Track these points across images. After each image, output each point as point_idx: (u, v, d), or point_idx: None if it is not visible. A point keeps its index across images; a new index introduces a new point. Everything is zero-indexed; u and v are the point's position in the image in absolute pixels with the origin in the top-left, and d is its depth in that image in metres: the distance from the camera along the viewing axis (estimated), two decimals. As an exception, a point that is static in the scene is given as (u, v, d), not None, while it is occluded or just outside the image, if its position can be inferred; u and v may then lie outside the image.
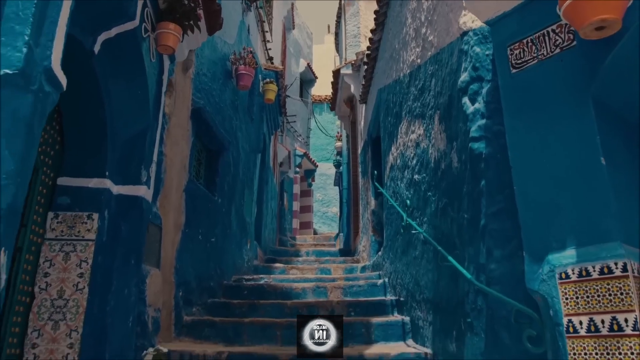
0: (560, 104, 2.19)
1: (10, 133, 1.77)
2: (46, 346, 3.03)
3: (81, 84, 2.48)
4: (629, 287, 1.85)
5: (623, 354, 1.83)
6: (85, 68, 2.91)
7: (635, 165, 2.21)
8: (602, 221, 1.99)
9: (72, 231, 3.24)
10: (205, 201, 5.78)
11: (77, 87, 2.21)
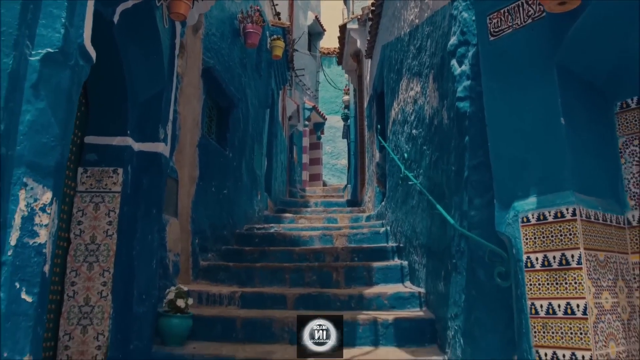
0: (529, 70, 2.47)
1: (55, 103, 2.11)
2: (83, 284, 3.48)
3: (102, 51, 2.76)
4: (576, 229, 2.20)
5: (568, 283, 2.19)
6: (106, 37, 3.21)
7: (594, 123, 2.50)
8: (559, 173, 2.31)
9: (100, 184, 3.62)
10: (217, 155, 6.14)
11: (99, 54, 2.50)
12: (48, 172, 2.09)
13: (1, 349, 1.82)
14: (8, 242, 1.93)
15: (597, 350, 2.12)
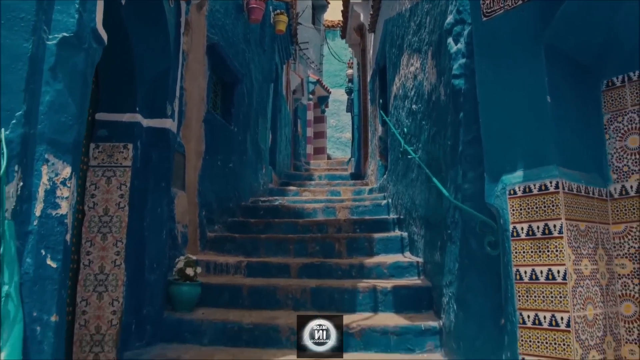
0: (518, 50, 2.59)
1: (71, 84, 2.26)
2: (98, 253, 3.68)
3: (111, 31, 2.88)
4: (558, 201, 2.35)
5: (550, 251, 2.36)
6: (115, 18, 3.32)
7: (581, 100, 2.63)
8: (544, 149, 2.45)
9: (111, 159, 3.79)
10: (223, 130, 6.29)
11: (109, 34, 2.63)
12: (67, 149, 2.26)
13: (31, 309, 2.02)
14: (33, 213, 2.11)
15: (575, 313, 2.30)
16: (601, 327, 2.42)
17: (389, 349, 3.70)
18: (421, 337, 3.71)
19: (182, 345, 3.82)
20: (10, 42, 2.06)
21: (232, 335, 3.82)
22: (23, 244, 2.07)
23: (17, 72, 2.06)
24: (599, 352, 2.38)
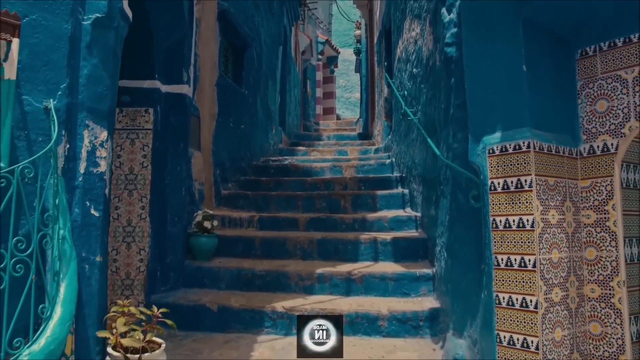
0: (500, 23, 2.87)
1: (104, 59, 2.60)
2: (125, 208, 4.10)
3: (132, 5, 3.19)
4: (529, 159, 2.69)
5: (521, 202, 2.71)
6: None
7: (557, 69, 2.92)
8: (519, 113, 2.77)
9: (134, 123, 4.16)
10: (234, 93, 6.60)
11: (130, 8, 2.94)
12: (103, 115, 2.62)
13: (80, 251, 2.43)
14: (78, 171, 2.49)
15: (541, 255, 2.67)
16: (565, 269, 2.79)
17: (387, 293, 4.12)
18: (416, 282, 4.13)
19: (202, 290, 4.28)
20: (53, 24, 2.40)
21: (246, 281, 4.27)
22: (71, 196, 2.46)
23: (60, 50, 2.41)
24: (562, 289, 2.76)
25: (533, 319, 2.66)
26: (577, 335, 2.83)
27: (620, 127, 2.77)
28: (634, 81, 2.72)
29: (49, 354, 1.98)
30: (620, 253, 2.76)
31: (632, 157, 2.83)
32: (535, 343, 2.65)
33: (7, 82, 2.20)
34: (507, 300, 2.78)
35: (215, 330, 3.84)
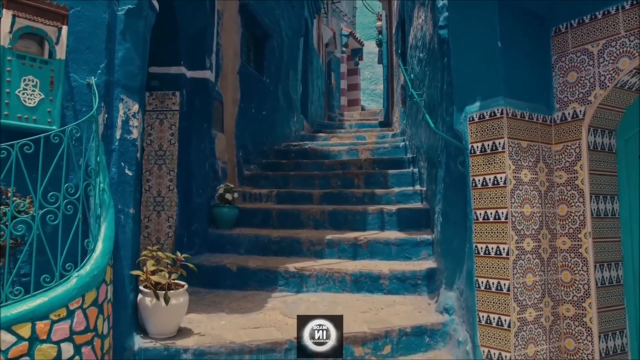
0: (478, 5, 3.22)
1: (135, 43, 3.07)
2: (155, 181, 4.61)
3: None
4: (502, 124, 3.05)
5: (495, 162, 3.08)
6: (162, -13, 4.11)
7: (534, 44, 3.26)
8: (495, 84, 3.12)
9: (162, 105, 4.66)
10: (256, 81, 7.07)
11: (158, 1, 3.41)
12: (135, 91, 3.10)
13: (117, 203, 2.91)
14: (115, 137, 2.98)
15: (512, 209, 3.03)
16: (538, 222, 3.15)
17: (390, 257, 4.52)
18: (417, 247, 4.51)
19: (223, 254, 4.77)
20: (93, 14, 2.88)
21: (263, 246, 4.73)
22: (109, 158, 2.95)
23: (99, 36, 2.90)
24: (534, 240, 3.12)
25: (505, 264, 3.03)
26: (549, 282, 3.18)
27: (587, 95, 3.10)
28: (599, 53, 3.05)
29: (93, 277, 2.47)
30: (586, 208, 3.10)
31: (599, 122, 3.15)
32: (507, 285, 3.02)
33: (59, 62, 2.70)
34: (484, 249, 3.15)
35: (234, 288, 4.31)
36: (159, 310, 2.97)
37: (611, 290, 3.13)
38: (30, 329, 2.22)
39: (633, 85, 3.05)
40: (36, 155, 2.47)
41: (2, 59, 2.48)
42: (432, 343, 3.53)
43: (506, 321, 3.01)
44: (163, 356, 2.92)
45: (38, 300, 2.28)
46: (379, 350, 3.38)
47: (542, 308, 3.12)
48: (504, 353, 3.01)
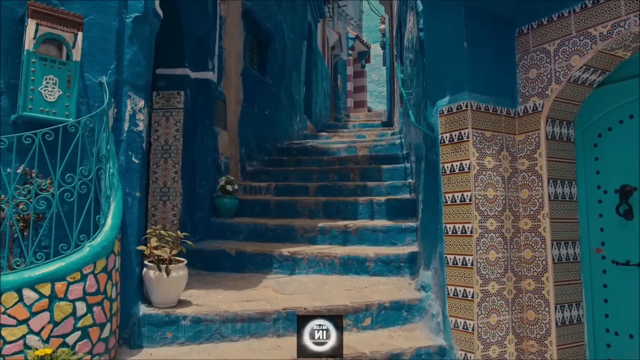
0: (447, 9, 3.59)
1: (142, 47, 3.48)
2: (162, 172, 5.02)
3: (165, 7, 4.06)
4: (467, 115, 3.40)
5: (461, 150, 3.43)
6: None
7: (500, 44, 3.61)
8: (461, 80, 3.48)
9: (168, 103, 5.08)
10: (258, 82, 7.48)
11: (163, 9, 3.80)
12: (141, 89, 3.51)
13: (124, 187, 3.32)
14: (123, 129, 3.39)
15: (476, 192, 3.38)
16: (501, 204, 3.49)
17: (377, 243, 4.88)
18: (402, 233, 4.87)
19: (224, 240, 5.16)
20: (105, 22, 3.30)
21: (260, 233, 5.12)
22: (118, 147, 3.36)
23: (110, 40, 3.31)
24: (497, 221, 3.46)
25: (469, 242, 3.38)
26: (512, 259, 3.52)
27: (545, 90, 3.45)
28: (555, 52, 3.40)
29: (103, 248, 2.87)
30: (544, 191, 3.44)
31: (557, 114, 3.49)
32: (471, 260, 3.37)
33: (75, 63, 3.11)
34: (452, 229, 3.51)
35: (233, 270, 4.70)
36: (161, 282, 3.36)
37: (568, 266, 3.46)
38: (50, 288, 2.63)
39: (586, 81, 3.39)
40: (55, 142, 2.89)
41: (28, 60, 2.91)
42: (409, 317, 3.88)
43: (470, 293, 3.36)
44: (164, 321, 3.32)
45: (56, 265, 2.68)
46: (360, 322, 3.74)
47: (504, 282, 3.46)
48: (468, 321, 3.36)
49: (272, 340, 3.47)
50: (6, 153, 2.85)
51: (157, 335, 3.30)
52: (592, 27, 3.17)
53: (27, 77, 2.92)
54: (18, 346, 2.52)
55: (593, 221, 3.49)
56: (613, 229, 3.36)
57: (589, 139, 3.55)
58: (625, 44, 3.12)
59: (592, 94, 3.50)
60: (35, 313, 2.57)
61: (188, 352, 3.21)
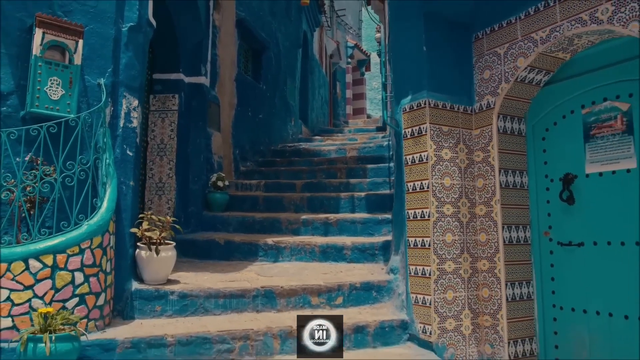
0: (409, 17, 4.01)
1: (136, 53, 3.91)
2: (157, 169, 5.45)
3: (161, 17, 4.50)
4: (425, 112, 3.80)
5: (421, 143, 3.83)
6: (163, 7, 4.96)
7: (458, 48, 4.01)
8: (421, 81, 3.89)
9: (164, 105, 5.51)
10: (252, 88, 7.92)
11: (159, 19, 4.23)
12: (135, 90, 3.93)
13: (120, 177, 3.73)
14: (119, 125, 3.81)
15: (433, 180, 3.77)
16: (457, 192, 3.88)
17: (356, 234, 5.26)
18: (379, 225, 5.25)
19: (215, 232, 5.57)
20: (103, 30, 3.74)
21: (248, 225, 5.53)
22: (114, 141, 3.78)
23: (107, 47, 3.75)
24: (453, 206, 3.85)
25: (427, 225, 3.77)
26: (468, 242, 3.90)
27: (497, 89, 3.85)
28: (504, 55, 3.80)
29: (99, 227, 3.28)
30: (496, 180, 3.82)
31: (508, 110, 3.89)
32: (428, 242, 3.75)
33: (76, 67, 3.55)
34: (413, 214, 3.90)
35: (222, 258, 5.10)
36: (151, 261, 3.77)
37: (519, 248, 3.84)
38: (52, 259, 3.04)
39: (532, 80, 3.79)
40: (58, 135, 3.32)
41: (35, 64, 3.35)
42: (379, 297, 4.26)
43: (428, 271, 3.74)
44: (154, 296, 3.72)
45: (58, 239, 3.10)
46: (332, 301, 4.12)
47: (461, 262, 3.84)
48: (427, 297, 3.74)
49: (251, 315, 3.86)
50: (15, 144, 3.28)
51: (148, 308, 3.70)
52: (534, 32, 3.57)
53: (35, 79, 3.36)
54: (24, 308, 2.94)
55: (542, 207, 3.86)
56: (558, 213, 3.73)
57: (538, 133, 3.94)
58: (563, 46, 3.52)
59: (540, 92, 3.89)
60: (39, 280, 2.99)
61: (174, 323, 3.60)
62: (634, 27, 2.94)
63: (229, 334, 3.40)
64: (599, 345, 3.39)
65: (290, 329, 3.55)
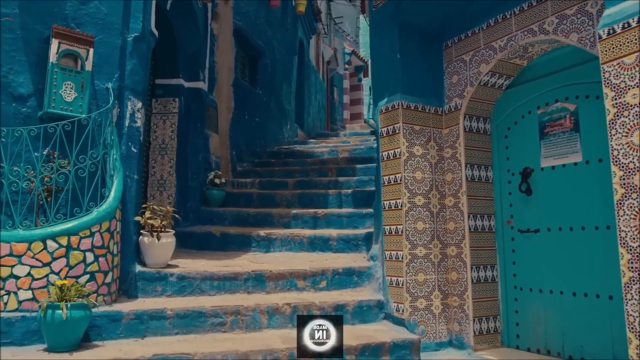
0: (385, 27, 4.46)
1: (140, 60, 4.36)
2: (159, 167, 5.90)
3: (162, 27, 4.95)
4: (398, 113, 4.25)
5: (395, 141, 4.27)
6: (164, 18, 5.43)
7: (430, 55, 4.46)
8: (396, 85, 4.33)
9: (165, 108, 5.96)
10: (249, 93, 8.37)
11: (161, 29, 4.69)
12: (139, 93, 4.39)
13: (125, 171, 4.17)
14: (124, 124, 4.25)
15: (405, 174, 4.21)
16: (428, 185, 4.31)
17: (342, 226, 5.69)
18: (363, 218, 5.68)
19: (212, 225, 6.00)
20: (111, 40, 4.20)
21: (242, 219, 5.96)
22: (120, 139, 4.22)
23: (114, 55, 4.20)
24: (424, 197, 4.28)
25: (400, 214, 4.20)
26: (438, 230, 4.33)
27: (463, 92, 4.29)
28: (469, 61, 4.24)
29: (107, 213, 3.72)
30: (463, 174, 4.26)
31: (474, 111, 4.33)
32: (401, 229, 4.18)
33: (87, 72, 4.01)
34: (388, 205, 4.33)
35: (218, 249, 5.52)
36: (153, 246, 4.21)
37: (484, 235, 4.27)
38: (67, 240, 3.48)
39: (495, 84, 4.23)
40: (72, 132, 3.78)
41: (51, 70, 3.81)
42: (360, 281, 4.68)
43: (401, 255, 4.17)
44: (155, 277, 4.15)
45: (72, 223, 3.55)
46: (317, 285, 4.55)
47: (431, 248, 4.27)
48: (400, 278, 4.17)
49: (243, 295, 4.29)
50: (35, 140, 3.73)
51: (150, 288, 4.13)
52: (494, 41, 4.02)
53: (51, 83, 3.81)
54: (43, 282, 3.38)
55: (505, 198, 4.29)
56: (518, 204, 4.17)
57: (501, 131, 4.37)
58: (519, 54, 3.96)
59: (502, 95, 4.34)
60: (55, 258, 3.43)
61: (173, 301, 4.03)
62: (573, 37, 3.39)
63: (222, 309, 3.83)
64: (552, 320, 3.81)
65: (276, 306, 3.98)
